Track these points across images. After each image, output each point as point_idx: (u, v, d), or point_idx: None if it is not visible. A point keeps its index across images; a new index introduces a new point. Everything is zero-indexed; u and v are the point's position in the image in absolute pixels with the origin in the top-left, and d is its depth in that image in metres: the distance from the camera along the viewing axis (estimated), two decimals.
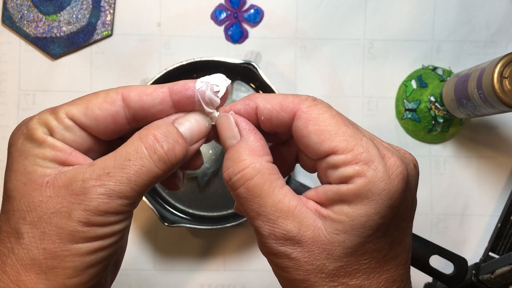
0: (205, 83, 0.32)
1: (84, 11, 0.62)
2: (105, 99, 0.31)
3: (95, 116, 0.31)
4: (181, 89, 0.32)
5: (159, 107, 0.32)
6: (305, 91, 0.62)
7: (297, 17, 0.63)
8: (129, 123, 0.32)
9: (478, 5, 0.63)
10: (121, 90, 0.32)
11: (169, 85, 0.32)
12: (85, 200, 0.29)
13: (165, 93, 0.32)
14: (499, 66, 0.48)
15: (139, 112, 0.32)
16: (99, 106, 0.31)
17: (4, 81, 0.62)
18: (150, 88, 0.32)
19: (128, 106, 0.31)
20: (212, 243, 0.62)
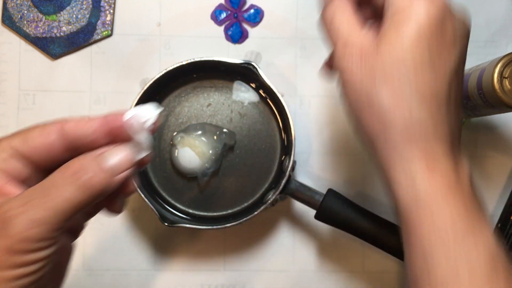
0: (135, 114, 0.34)
1: (84, 11, 0.62)
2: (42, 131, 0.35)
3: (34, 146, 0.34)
4: (112, 119, 0.34)
5: (93, 136, 0.34)
6: (305, 91, 0.62)
7: (297, 17, 0.63)
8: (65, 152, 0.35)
9: (478, 5, 0.63)
10: (57, 122, 0.35)
11: (103, 116, 0.35)
12: (8, 228, 0.30)
13: (98, 123, 0.35)
14: (499, 66, 0.48)
15: (75, 142, 0.35)
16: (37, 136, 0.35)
17: (4, 81, 0.62)
18: (85, 119, 0.35)
19: (64, 136, 0.34)
20: (212, 243, 0.62)
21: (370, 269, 0.62)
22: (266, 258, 0.62)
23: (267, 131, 0.60)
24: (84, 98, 0.62)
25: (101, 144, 0.35)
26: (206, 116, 0.60)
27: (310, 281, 0.62)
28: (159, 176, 0.59)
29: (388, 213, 0.61)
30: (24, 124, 0.61)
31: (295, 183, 0.56)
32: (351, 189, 0.62)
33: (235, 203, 0.59)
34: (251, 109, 0.60)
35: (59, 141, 0.34)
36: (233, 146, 0.59)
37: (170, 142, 0.59)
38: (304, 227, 0.62)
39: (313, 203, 0.55)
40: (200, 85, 0.60)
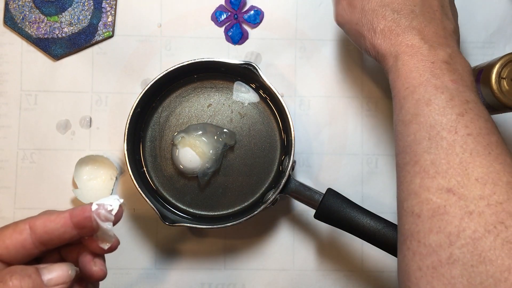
0: (100, 205, 0.38)
1: (86, 12, 0.62)
2: (14, 229, 0.38)
3: (5, 246, 0.37)
4: (79, 212, 0.38)
5: (62, 230, 0.38)
6: (305, 91, 0.63)
7: (297, 18, 0.63)
8: (37, 248, 0.38)
9: (476, 6, 0.63)
10: (28, 220, 0.38)
11: (70, 210, 0.38)
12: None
13: (66, 217, 0.38)
14: (497, 66, 0.49)
15: (45, 237, 0.38)
16: (9, 236, 0.37)
17: (6, 82, 0.62)
18: (53, 215, 0.38)
19: (35, 233, 0.37)
20: (213, 242, 0.62)
21: (369, 268, 0.62)
22: (266, 257, 0.62)
23: (267, 131, 0.60)
24: (85, 99, 0.62)
25: (71, 235, 0.38)
26: (207, 116, 0.60)
27: (310, 280, 0.62)
28: (160, 175, 0.60)
29: (387, 212, 0.61)
30: (26, 124, 0.62)
31: (294, 183, 0.56)
32: (351, 188, 0.62)
33: (235, 202, 0.60)
34: (251, 110, 0.60)
35: (31, 238, 0.38)
36: (233, 146, 0.60)
37: (170, 142, 0.60)
38: (303, 226, 0.62)
39: (313, 203, 0.55)
40: (200, 86, 0.61)
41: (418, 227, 0.40)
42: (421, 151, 0.42)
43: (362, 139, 0.63)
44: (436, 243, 0.39)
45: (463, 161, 0.40)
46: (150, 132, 0.60)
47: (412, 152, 0.43)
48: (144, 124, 0.60)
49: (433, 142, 0.41)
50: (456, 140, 0.41)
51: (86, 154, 0.61)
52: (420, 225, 0.40)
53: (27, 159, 0.62)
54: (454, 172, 0.40)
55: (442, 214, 0.39)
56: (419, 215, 0.40)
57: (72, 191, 0.61)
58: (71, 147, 0.62)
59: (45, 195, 0.62)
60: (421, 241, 0.40)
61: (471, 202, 0.38)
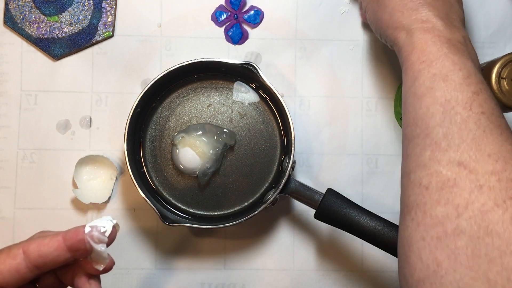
0: (93, 227, 0.38)
1: (86, 12, 0.62)
2: (8, 254, 0.38)
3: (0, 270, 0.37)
4: (72, 235, 0.38)
5: (55, 253, 0.38)
6: (305, 91, 0.63)
7: (296, 18, 0.63)
8: (32, 271, 0.38)
9: (476, 6, 0.63)
10: (21, 245, 0.38)
11: (63, 233, 0.38)
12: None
13: (59, 241, 0.38)
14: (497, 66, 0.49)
15: (39, 260, 0.38)
16: (3, 262, 0.37)
17: (6, 82, 0.62)
18: (47, 238, 0.38)
19: (28, 257, 0.37)
20: (213, 242, 0.62)
21: (369, 268, 0.62)
22: (266, 257, 0.62)
23: (267, 131, 0.60)
24: (85, 99, 0.62)
25: (65, 258, 0.38)
26: (207, 116, 0.60)
27: (310, 280, 0.62)
28: (160, 175, 0.60)
29: (387, 212, 0.61)
30: (26, 124, 0.62)
31: (294, 183, 0.56)
32: (351, 188, 0.62)
33: (235, 202, 0.60)
34: (251, 110, 0.60)
35: (24, 263, 0.38)
36: (233, 146, 0.60)
37: (171, 142, 0.60)
38: (303, 226, 0.62)
39: (313, 203, 0.55)
40: (200, 86, 0.61)
41: (425, 199, 0.40)
42: (434, 124, 0.42)
43: (362, 139, 0.63)
44: (442, 214, 0.39)
45: (476, 137, 0.40)
46: (150, 132, 0.60)
47: (424, 125, 0.43)
48: (144, 124, 0.60)
49: (446, 116, 0.41)
50: (471, 116, 0.41)
51: (86, 154, 0.61)
52: (427, 197, 0.40)
53: (27, 159, 0.62)
54: (467, 147, 0.40)
55: (452, 187, 0.39)
56: (427, 187, 0.40)
57: (72, 191, 0.61)
58: (71, 147, 0.62)
59: (45, 195, 0.62)
60: (427, 212, 0.40)
61: (482, 176, 0.38)
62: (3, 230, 0.61)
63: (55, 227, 0.61)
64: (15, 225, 0.61)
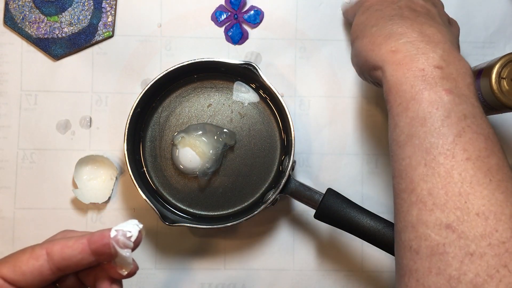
0: (119, 231, 0.37)
1: (86, 12, 0.62)
2: (31, 255, 0.36)
3: (22, 272, 0.36)
4: (97, 238, 0.37)
5: (79, 256, 0.37)
6: (305, 91, 0.63)
7: (296, 18, 0.63)
8: (54, 273, 0.37)
9: (476, 6, 0.63)
10: (45, 245, 0.37)
11: (88, 236, 0.37)
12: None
13: (84, 244, 0.37)
14: (497, 66, 0.49)
15: (62, 263, 0.37)
16: (26, 263, 0.36)
17: (6, 82, 0.62)
18: (71, 240, 0.37)
19: (52, 259, 0.36)
20: (213, 242, 0.62)
21: (369, 268, 0.62)
22: (266, 257, 0.62)
23: (267, 131, 0.60)
24: (85, 99, 0.62)
25: (89, 261, 0.37)
26: (207, 116, 0.60)
27: (310, 280, 0.62)
28: (160, 175, 0.60)
29: (387, 212, 0.61)
30: (26, 124, 0.62)
31: (294, 183, 0.56)
32: (351, 188, 0.62)
33: (235, 202, 0.60)
34: (251, 110, 0.60)
35: (47, 265, 0.36)
36: (233, 146, 0.60)
37: (171, 142, 0.60)
38: (303, 226, 0.62)
39: (313, 203, 0.55)
40: (200, 86, 0.61)
41: (416, 265, 0.38)
42: (418, 179, 0.39)
43: (362, 139, 0.63)
44: (436, 285, 0.37)
45: (462, 192, 0.37)
46: (150, 132, 0.60)
47: (408, 178, 0.40)
48: (144, 124, 0.60)
49: (429, 169, 0.39)
50: (454, 167, 0.38)
51: (86, 154, 0.61)
52: (419, 263, 0.38)
53: (27, 159, 0.62)
54: (453, 205, 0.37)
55: (442, 254, 0.37)
56: (417, 252, 0.39)
57: (72, 191, 0.61)
58: (71, 147, 0.62)
59: (45, 195, 0.62)
60: (419, 280, 0.38)
61: (471, 241, 0.36)
62: (3, 230, 0.61)
63: (55, 227, 0.61)
64: (15, 225, 0.61)
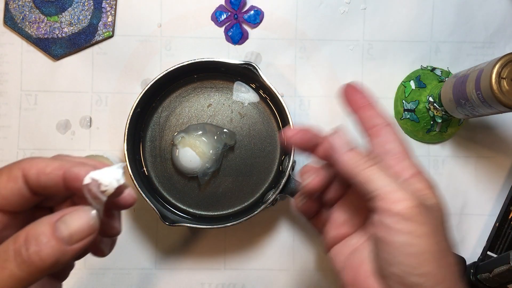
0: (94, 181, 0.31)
1: (86, 12, 0.62)
2: (9, 177, 0.32)
3: (2, 196, 0.32)
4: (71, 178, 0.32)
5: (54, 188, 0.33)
6: (305, 91, 0.63)
7: (297, 18, 0.63)
8: (37, 196, 0.33)
9: (476, 6, 0.63)
10: (22, 166, 0.33)
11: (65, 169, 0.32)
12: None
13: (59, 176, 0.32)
14: (497, 66, 0.49)
15: (38, 189, 0.33)
16: (5, 186, 0.32)
17: (6, 82, 0.62)
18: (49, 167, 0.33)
19: (28, 184, 0.33)
20: (213, 242, 0.62)
21: None
22: (266, 257, 0.62)
23: (267, 131, 0.60)
24: (85, 99, 0.62)
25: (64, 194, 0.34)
26: (207, 116, 0.60)
27: (310, 280, 0.62)
28: (160, 175, 0.60)
29: None
30: (26, 124, 0.62)
31: (294, 183, 0.56)
32: None
33: (235, 202, 0.60)
34: (251, 110, 0.60)
35: (26, 187, 0.33)
36: (233, 146, 0.60)
37: (171, 142, 0.60)
38: (303, 226, 0.62)
39: None
40: (200, 86, 0.61)
41: None
42: None
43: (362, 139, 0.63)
44: None
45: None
46: (150, 132, 0.60)
47: None
48: (144, 124, 0.60)
49: None
50: None
51: (86, 154, 0.61)
52: None
53: None
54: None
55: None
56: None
57: None
58: (71, 147, 0.62)
59: None
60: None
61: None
62: None
63: None
64: None
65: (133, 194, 0.35)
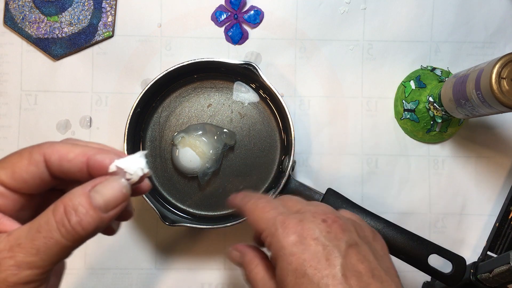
0: (120, 170, 0.33)
1: (86, 12, 0.62)
2: (30, 161, 0.33)
3: (23, 179, 0.33)
4: (96, 165, 0.33)
5: (78, 174, 0.33)
6: (305, 91, 0.63)
7: (296, 18, 0.63)
8: (56, 179, 0.34)
9: (476, 6, 0.63)
10: (43, 151, 0.33)
11: (89, 156, 0.33)
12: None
13: (83, 163, 0.33)
14: (497, 66, 0.49)
15: (59, 174, 0.34)
16: (26, 169, 0.33)
17: (6, 82, 0.62)
18: (71, 154, 0.33)
19: (49, 168, 0.33)
20: (213, 242, 0.62)
21: None
22: None
23: (267, 131, 0.60)
24: (85, 99, 0.62)
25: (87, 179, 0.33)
26: (207, 116, 0.60)
27: None
28: (160, 176, 0.60)
29: (387, 212, 0.61)
30: (26, 124, 0.62)
31: (294, 183, 0.56)
32: (351, 188, 0.62)
33: None
34: (251, 110, 0.60)
35: (47, 172, 0.34)
36: (233, 146, 0.60)
37: (171, 142, 0.60)
38: None
39: None
40: (200, 86, 0.61)
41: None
42: None
43: (362, 139, 0.63)
44: None
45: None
46: (150, 132, 0.60)
47: None
48: (144, 124, 0.60)
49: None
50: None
51: None
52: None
53: None
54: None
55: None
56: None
57: None
58: None
59: None
60: None
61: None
62: None
63: None
64: None
65: (149, 182, 0.36)
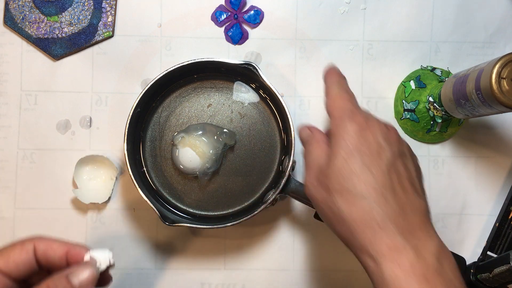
0: (92, 260, 0.43)
1: (86, 12, 0.62)
2: (22, 248, 0.42)
3: (16, 265, 0.42)
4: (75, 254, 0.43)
5: (58, 261, 0.43)
6: (305, 91, 0.63)
7: (296, 18, 0.63)
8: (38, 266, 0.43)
9: (476, 6, 0.63)
10: (34, 241, 0.43)
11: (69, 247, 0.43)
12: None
13: (64, 252, 0.43)
14: (497, 66, 0.49)
15: (43, 261, 0.43)
16: (19, 256, 0.42)
17: (5, 82, 0.62)
18: (55, 244, 0.43)
19: (36, 256, 0.43)
20: (213, 242, 0.62)
21: None
22: (266, 257, 0.62)
23: (267, 131, 0.60)
24: (85, 99, 0.62)
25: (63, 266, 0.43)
26: (207, 116, 0.60)
27: (310, 280, 0.62)
28: (160, 175, 0.60)
29: None
30: (26, 124, 0.62)
31: (294, 183, 0.56)
32: None
33: (235, 202, 0.60)
34: (251, 110, 0.60)
35: (34, 258, 0.43)
36: (233, 146, 0.60)
37: (171, 142, 0.60)
38: (303, 226, 0.62)
39: None
40: (200, 86, 0.61)
41: None
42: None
43: None
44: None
45: None
46: (150, 132, 0.60)
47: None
48: (144, 124, 0.60)
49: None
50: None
51: (86, 154, 0.61)
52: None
53: (27, 159, 0.62)
54: None
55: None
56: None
57: (72, 191, 0.61)
58: (71, 147, 0.62)
59: (45, 195, 0.62)
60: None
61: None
62: (3, 230, 0.61)
63: (55, 227, 0.61)
64: (15, 225, 0.61)
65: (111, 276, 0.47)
